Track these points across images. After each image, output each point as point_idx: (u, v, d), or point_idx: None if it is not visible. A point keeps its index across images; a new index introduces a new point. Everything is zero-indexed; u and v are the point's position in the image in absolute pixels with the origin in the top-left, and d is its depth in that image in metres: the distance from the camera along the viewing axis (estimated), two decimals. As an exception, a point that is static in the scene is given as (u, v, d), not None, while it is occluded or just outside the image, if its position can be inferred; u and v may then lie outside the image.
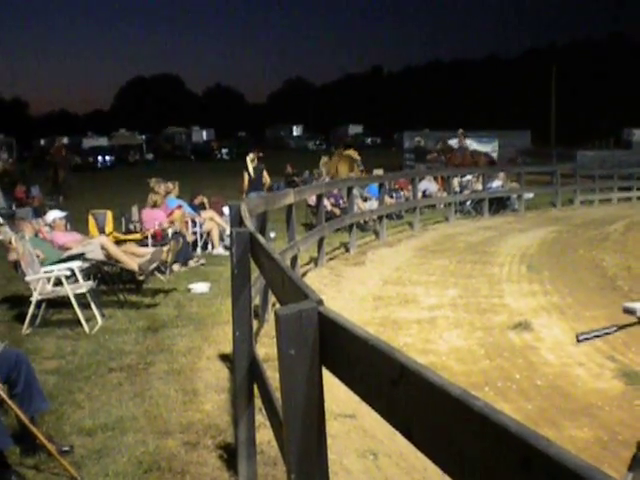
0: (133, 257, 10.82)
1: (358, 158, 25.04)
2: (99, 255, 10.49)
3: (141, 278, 10.96)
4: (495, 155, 46.67)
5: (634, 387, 7.27)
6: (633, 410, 6.60)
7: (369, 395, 2.09)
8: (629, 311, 3.45)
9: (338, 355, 2.27)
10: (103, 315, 9.64)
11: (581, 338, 3.52)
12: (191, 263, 13.49)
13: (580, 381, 7.68)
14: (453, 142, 32.07)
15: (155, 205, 14.27)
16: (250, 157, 18.35)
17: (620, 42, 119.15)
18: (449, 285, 12.36)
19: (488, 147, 47.16)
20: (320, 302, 2.39)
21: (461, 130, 32.37)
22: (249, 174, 17.96)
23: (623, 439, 6.01)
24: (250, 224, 5.82)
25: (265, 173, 18.29)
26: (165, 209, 14.46)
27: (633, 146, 60.50)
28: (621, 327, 3.51)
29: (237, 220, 6.38)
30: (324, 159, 26.68)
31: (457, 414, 1.51)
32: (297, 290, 2.76)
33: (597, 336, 3.54)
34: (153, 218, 13.74)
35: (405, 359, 1.78)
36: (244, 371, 4.91)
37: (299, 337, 2.32)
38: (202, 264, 13.50)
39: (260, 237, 4.66)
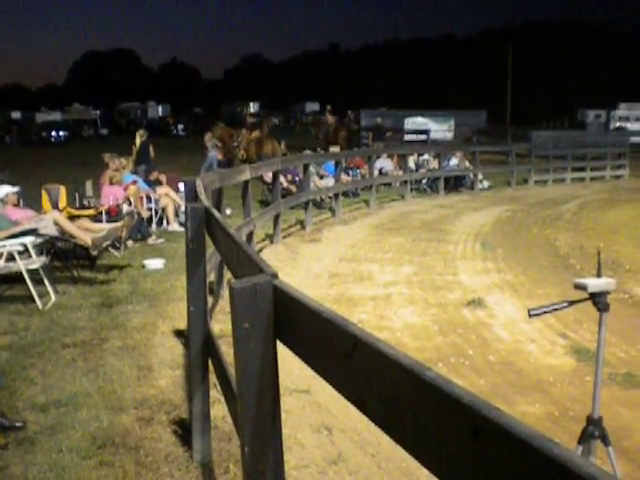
0: (87, 232, 10.70)
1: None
2: (52, 230, 10.35)
3: (94, 253, 10.85)
4: (451, 134, 46.99)
5: (585, 363, 7.38)
6: (584, 386, 6.70)
7: (323, 369, 2.09)
8: (580, 287, 3.50)
9: (292, 328, 2.27)
10: (56, 291, 9.54)
11: (533, 313, 3.56)
12: (150, 241, 13.40)
13: (532, 357, 7.78)
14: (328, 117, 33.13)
15: (113, 182, 14.13)
16: (140, 133, 20.73)
17: (577, 24, 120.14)
18: (404, 262, 12.43)
19: (444, 126, 47.44)
20: (275, 276, 2.39)
21: (329, 107, 34.08)
22: (136, 148, 20.03)
23: (574, 414, 6.11)
24: (205, 199, 5.79)
25: (150, 148, 20.09)
26: (120, 185, 14.32)
27: (587, 127, 61.25)
28: (572, 303, 3.56)
29: (192, 196, 6.35)
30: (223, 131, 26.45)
31: (410, 385, 1.52)
32: (252, 264, 2.75)
33: (548, 311, 3.59)
34: (111, 194, 13.61)
35: (359, 331, 1.79)
36: (199, 347, 4.90)
37: (253, 310, 2.31)
38: (160, 243, 13.39)
39: (215, 212, 4.64)
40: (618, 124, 62.33)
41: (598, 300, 3.48)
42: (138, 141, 20.29)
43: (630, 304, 9.94)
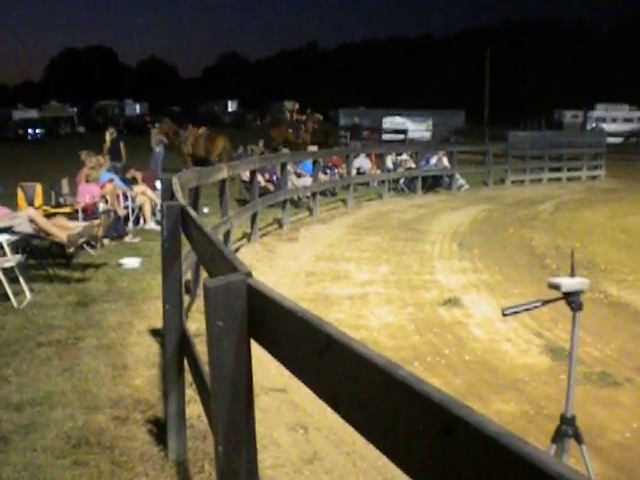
0: (63, 230, 10.63)
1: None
2: (27, 228, 10.28)
3: (70, 251, 10.78)
4: (429, 134, 47.14)
5: (560, 362, 7.42)
6: (559, 385, 6.73)
7: (297, 367, 2.09)
8: (554, 286, 3.52)
9: (266, 327, 2.27)
10: (32, 289, 9.47)
11: (507, 312, 3.58)
12: (126, 239, 13.34)
13: (508, 356, 7.82)
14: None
15: (89, 180, 14.05)
16: (110, 131, 21.58)
17: (554, 26, 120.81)
18: (381, 262, 12.45)
19: (422, 126, 47.58)
20: (249, 274, 2.38)
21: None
22: (107, 146, 20.70)
23: (548, 413, 6.15)
24: (181, 198, 5.77)
25: (122, 146, 21.00)
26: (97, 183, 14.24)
27: (564, 127, 61.60)
28: (546, 302, 3.58)
29: (168, 194, 6.33)
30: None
31: (382, 384, 1.53)
32: (226, 263, 2.74)
33: (522, 310, 3.61)
34: (88, 192, 13.53)
35: (332, 330, 1.79)
36: (174, 345, 4.89)
37: (227, 309, 2.31)
38: (137, 242, 13.34)
39: (191, 210, 4.62)
40: (595, 125, 62.74)
41: (572, 299, 3.50)
42: (108, 139, 20.89)
43: (605, 304, 10.01)
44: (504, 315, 3.60)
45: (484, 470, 1.26)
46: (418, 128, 46.87)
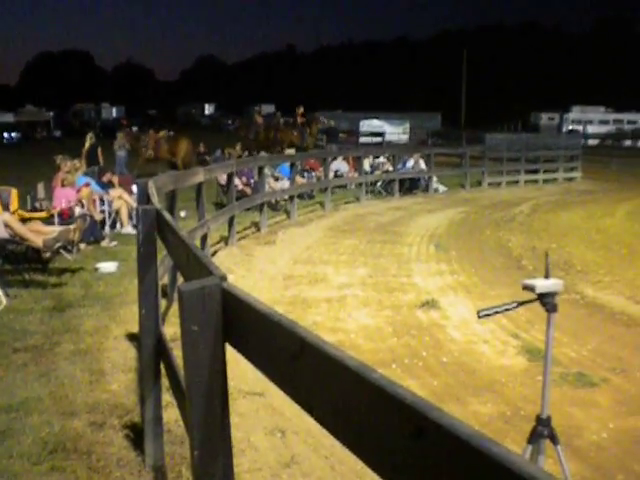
0: (39, 235, 10.56)
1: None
2: (3, 233, 10.20)
3: (46, 255, 10.72)
4: (406, 137, 47.27)
5: (536, 363, 7.45)
6: (535, 386, 6.75)
7: (272, 371, 2.09)
8: (528, 288, 3.53)
9: (241, 331, 2.26)
10: (7, 295, 9.39)
11: (482, 314, 3.60)
12: (103, 244, 13.28)
13: (485, 358, 7.86)
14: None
15: (65, 184, 13.98)
16: (89, 135, 22.07)
17: (531, 28, 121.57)
18: (359, 264, 12.47)
19: (399, 128, 47.71)
20: (223, 278, 2.38)
21: (257, 107, 35.95)
22: (85, 150, 21.13)
23: (525, 414, 6.17)
24: (157, 201, 5.75)
25: (99, 150, 21.52)
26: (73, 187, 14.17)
27: (540, 129, 61.99)
28: (521, 303, 3.60)
29: (144, 198, 6.30)
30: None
31: (355, 386, 1.53)
32: (201, 266, 2.74)
33: (497, 312, 3.62)
34: (64, 196, 13.45)
35: (306, 334, 1.79)
36: (150, 350, 4.87)
37: (202, 313, 2.30)
38: (114, 246, 13.28)
39: (166, 214, 4.61)
40: (571, 127, 63.16)
41: (546, 301, 3.52)
42: (87, 144, 21.20)
43: (582, 305, 10.08)
44: (479, 317, 3.62)
45: (456, 472, 1.26)
46: (395, 131, 47.02)
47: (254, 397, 6.29)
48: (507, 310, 3.63)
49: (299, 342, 1.78)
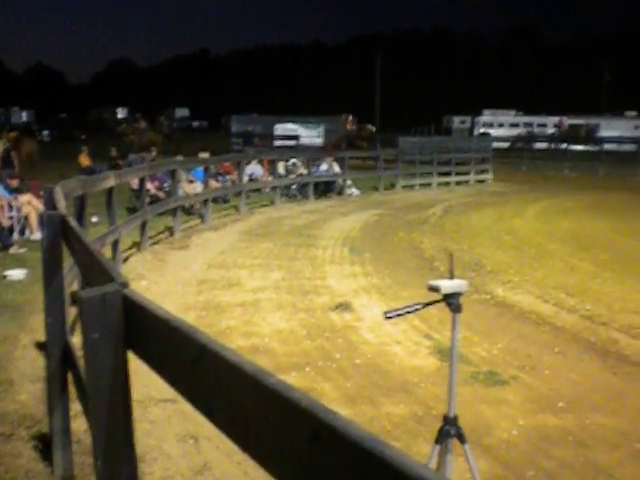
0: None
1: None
2: None
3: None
4: (321, 140, 47.43)
5: (448, 363, 7.52)
6: (447, 385, 6.85)
7: (173, 377, 2.08)
8: (434, 289, 3.58)
9: (143, 338, 2.24)
10: None
11: (388, 316, 3.63)
12: (11, 251, 12.96)
13: (397, 359, 7.92)
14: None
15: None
16: (2, 141, 21.34)
17: (444, 33, 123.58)
18: (273, 268, 12.45)
19: (314, 132, 47.86)
20: (125, 284, 2.34)
21: (138, 114, 36.36)
22: None
23: (437, 413, 6.23)
24: (63, 207, 5.63)
25: (12, 155, 20.76)
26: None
27: (452, 133, 63.06)
28: (427, 304, 3.64)
29: (51, 203, 6.17)
30: None
31: (251, 391, 1.53)
32: (104, 273, 2.69)
33: (404, 313, 3.66)
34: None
35: (205, 339, 1.78)
36: (57, 359, 4.77)
37: (102, 320, 2.26)
38: (23, 252, 12.98)
39: (71, 220, 4.52)
40: (482, 130, 64.39)
41: (451, 301, 3.57)
42: (0, 148, 20.47)
43: (492, 304, 10.25)
44: (386, 318, 3.65)
45: (352, 475, 1.26)
46: (310, 134, 47.13)
47: (166, 404, 6.21)
48: (413, 311, 3.68)
49: (198, 347, 1.77)
